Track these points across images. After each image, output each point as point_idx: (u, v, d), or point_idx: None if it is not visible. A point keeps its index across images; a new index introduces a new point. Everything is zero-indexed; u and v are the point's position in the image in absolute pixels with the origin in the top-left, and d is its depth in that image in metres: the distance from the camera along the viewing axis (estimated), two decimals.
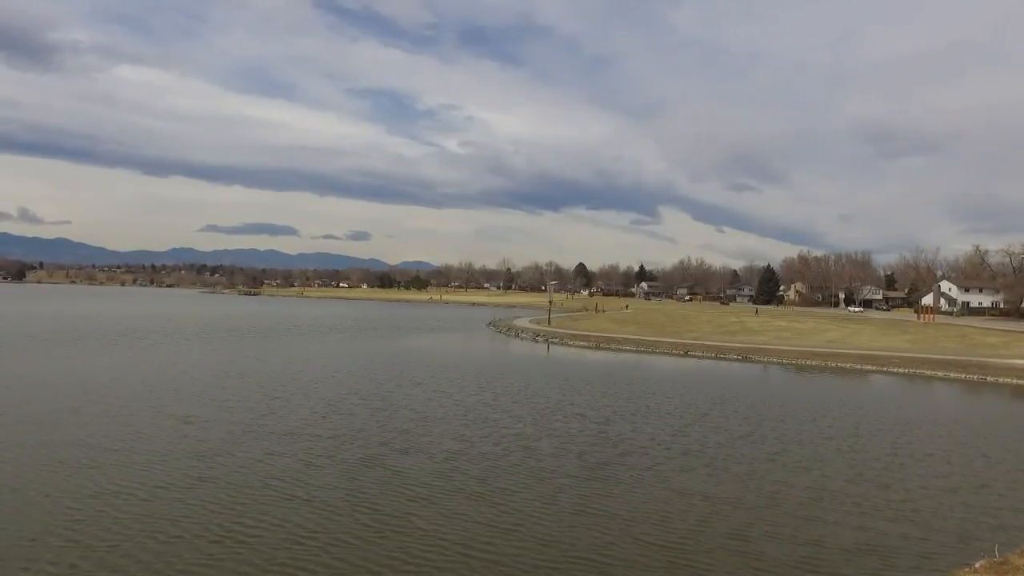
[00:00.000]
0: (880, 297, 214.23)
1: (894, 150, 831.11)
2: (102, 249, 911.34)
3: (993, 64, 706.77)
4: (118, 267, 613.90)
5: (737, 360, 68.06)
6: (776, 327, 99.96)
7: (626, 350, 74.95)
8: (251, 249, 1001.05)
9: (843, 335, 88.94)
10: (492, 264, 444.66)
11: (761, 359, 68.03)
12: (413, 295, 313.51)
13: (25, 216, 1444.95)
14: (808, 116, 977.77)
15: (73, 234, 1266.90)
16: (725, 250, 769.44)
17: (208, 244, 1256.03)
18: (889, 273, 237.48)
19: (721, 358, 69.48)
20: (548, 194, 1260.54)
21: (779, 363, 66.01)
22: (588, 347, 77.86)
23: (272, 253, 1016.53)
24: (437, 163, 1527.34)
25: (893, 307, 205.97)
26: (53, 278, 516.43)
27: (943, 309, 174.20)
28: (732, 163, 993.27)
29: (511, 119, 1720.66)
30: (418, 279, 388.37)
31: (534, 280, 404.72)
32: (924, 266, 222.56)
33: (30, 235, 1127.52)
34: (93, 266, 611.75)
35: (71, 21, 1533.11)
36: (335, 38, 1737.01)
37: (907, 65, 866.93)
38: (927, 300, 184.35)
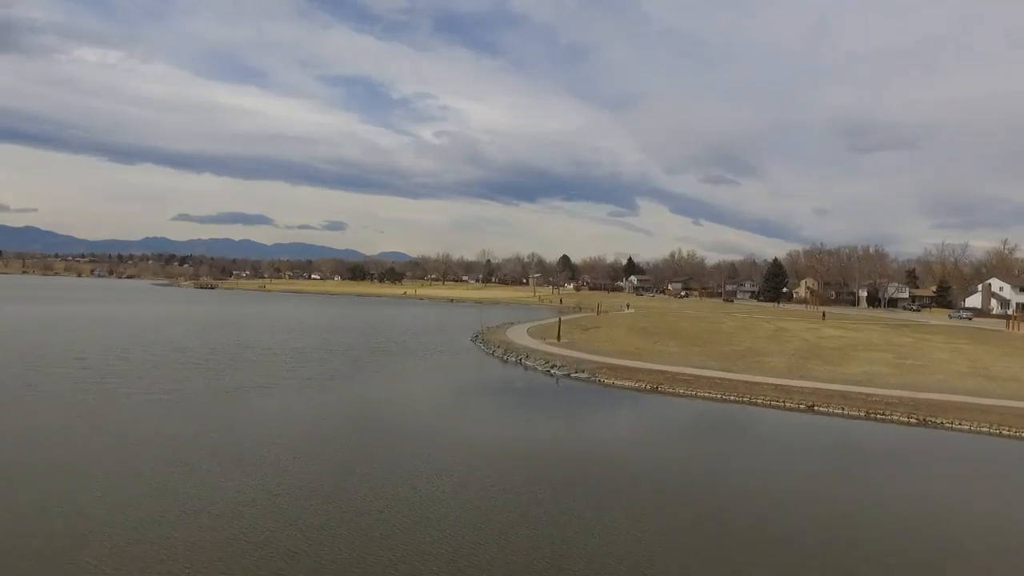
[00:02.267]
0: (906, 296, 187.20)
1: (868, 144, 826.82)
2: (71, 238, 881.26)
3: (966, 59, 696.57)
4: (81, 256, 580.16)
5: (910, 423, 38.33)
6: (851, 344, 71.66)
7: (702, 396, 45.01)
8: (225, 239, 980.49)
9: (964, 358, 59.94)
10: (471, 255, 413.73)
11: (949, 422, 38.30)
12: (387, 289, 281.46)
13: None
14: (784, 109, 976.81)
15: (41, 222, 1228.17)
16: (702, 243, 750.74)
17: (183, 234, 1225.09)
18: (911, 269, 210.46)
19: (878, 417, 39.73)
20: (524, 185, 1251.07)
21: (989, 431, 36.53)
22: (641, 389, 47.68)
23: (247, 243, 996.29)
24: (412, 153, 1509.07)
25: (922, 307, 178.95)
26: (9, 268, 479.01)
27: (993, 311, 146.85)
28: (708, 156, 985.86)
29: (486, 109, 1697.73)
30: (392, 271, 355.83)
31: (515, 273, 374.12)
32: (951, 261, 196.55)
33: None
34: (56, 255, 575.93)
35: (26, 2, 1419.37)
36: (306, 23, 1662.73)
37: (881, 58, 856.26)
38: (973, 300, 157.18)
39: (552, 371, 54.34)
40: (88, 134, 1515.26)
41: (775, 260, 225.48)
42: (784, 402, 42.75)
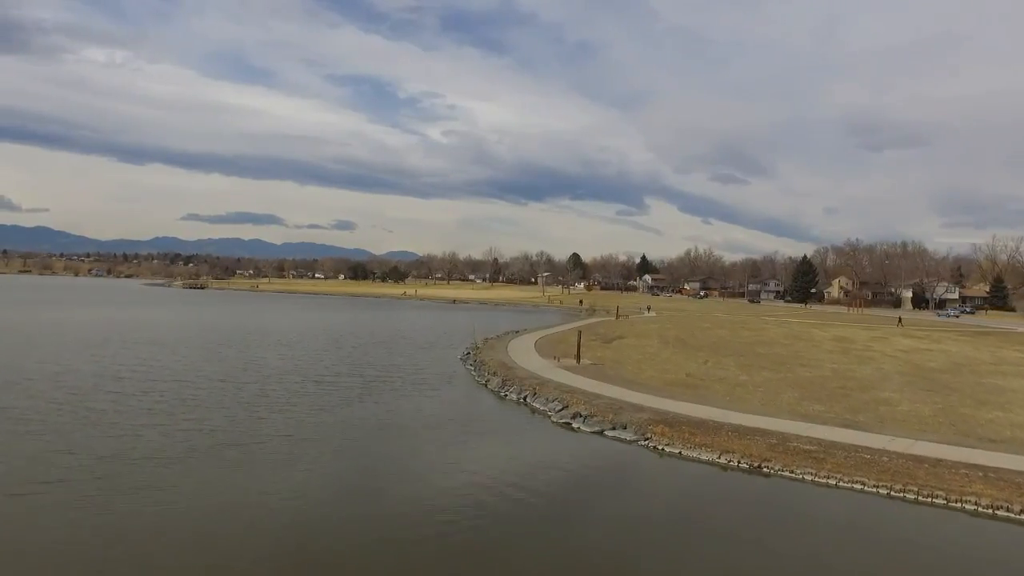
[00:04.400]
0: (956, 296, 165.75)
1: (878, 142, 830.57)
2: (83, 238, 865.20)
3: (978, 55, 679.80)
4: (87, 255, 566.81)
5: None
6: (965, 364, 52.42)
7: (853, 486, 24.43)
8: (235, 239, 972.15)
9: None
10: (478, 254, 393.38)
11: None
12: (388, 288, 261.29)
13: (2, 204, 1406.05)
14: (793, 106, 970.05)
15: (53, 222, 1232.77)
16: (712, 242, 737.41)
17: (192, 233, 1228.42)
18: (956, 267, 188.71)
19: None
20: (532, 184, 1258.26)
21: None
22: (731, 467, 26.88)
23: (257, 243, 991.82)
24: (420, 152, 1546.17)
25: (976, 308, 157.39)
26: (9, 268, 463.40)
27: None
28: (718, 154, 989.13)
29: (494, 108, 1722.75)
30: (396, 270, 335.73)
31: (523, 272, 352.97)
32: (1004, 259, 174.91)
33: (9, 223, 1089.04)
34: (61, 255, 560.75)
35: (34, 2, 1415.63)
36: (314, 23, 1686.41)
37: (892, 55, 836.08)
38: None
39: (574, 423, 33.97)
40: (97, 134, 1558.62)
41: (804, 258, 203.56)
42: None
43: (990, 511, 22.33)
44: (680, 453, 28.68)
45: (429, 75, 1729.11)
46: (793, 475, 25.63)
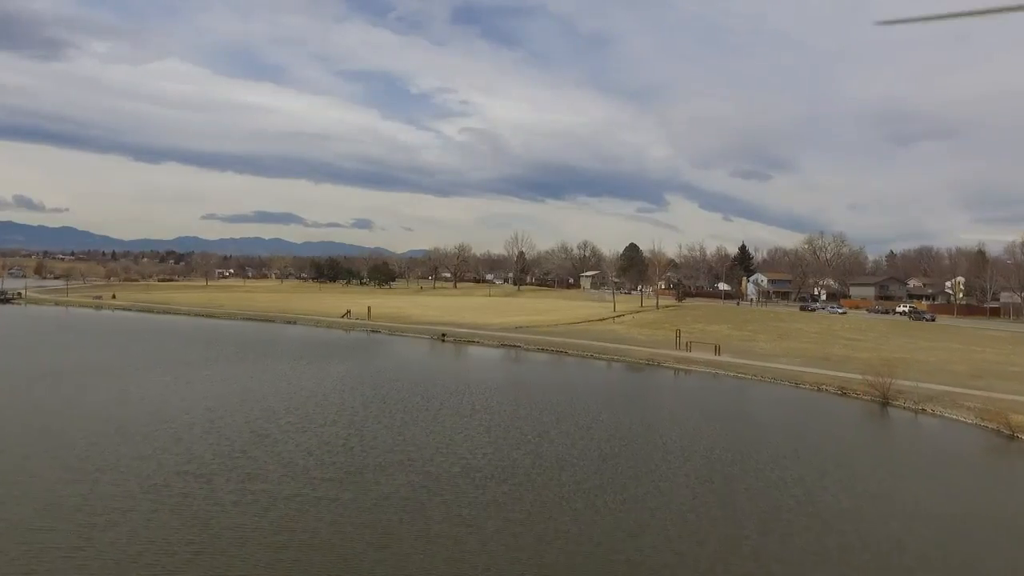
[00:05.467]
0: None
1: (905, 134, 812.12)
2: (106, 238, 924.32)
3: (1010, 44, 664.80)
4: (102, 254, 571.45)
5: None
6: None
7: None
8: (256, 238, 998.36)
9: None
10: (497, 248, 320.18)
11: None
12: (366, 296, 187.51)
13: (22, 203, 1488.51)
14: (816, 98, 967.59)
15: (75, 222, 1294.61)
16: (734, 239, 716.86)
17: (215, 233, 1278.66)
18: None
19: None
20: (549, 181, 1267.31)
21: None
22: None
23: (277, 242, 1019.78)
24: (435, 149, 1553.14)
25: None
26: (15, 265, 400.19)
27: None
28: (738, 148, 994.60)
29: (507, 103, 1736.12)
30: (378, 270, 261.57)
31: (561, 270, 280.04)
32: None
33: (34, 223, 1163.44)
34: (71, 254, 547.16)
35: None
36: (320, 16, 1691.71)
37: (920, 44, 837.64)
38: None
39: None
40: (111, 133, 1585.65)
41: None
42: None
43: None
44: None
45: (441, 70, 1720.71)
46: None
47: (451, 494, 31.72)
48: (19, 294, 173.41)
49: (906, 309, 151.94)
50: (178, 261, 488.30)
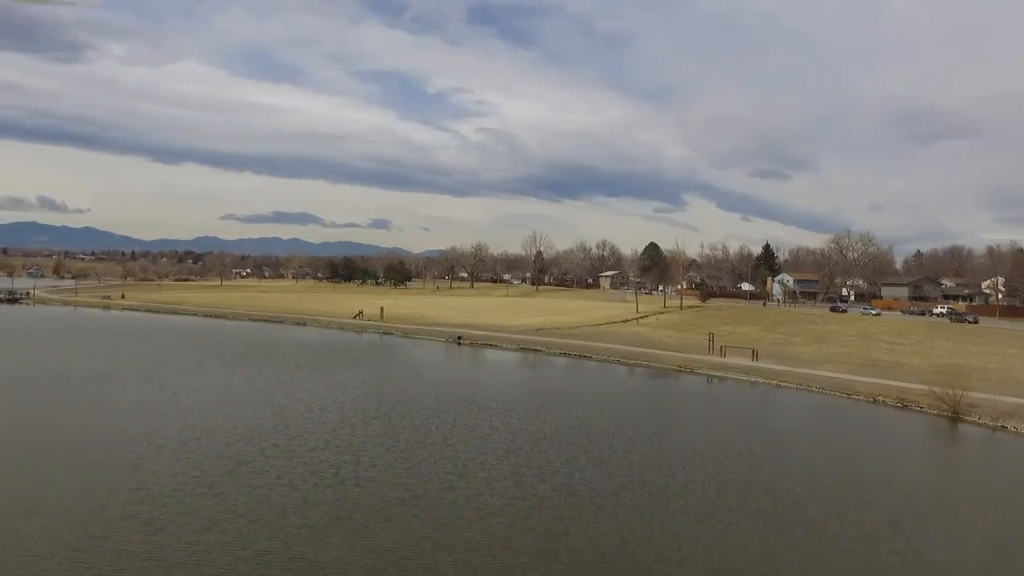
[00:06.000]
0: None
1: (926, 133, 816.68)
2: (127, 238, 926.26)
3: None
4: (122, 254, 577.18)
5: None
6: None
7: None
8: (275, 238, 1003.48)
9: None
10: (515, 248, 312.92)
11: None
12: (380, 296, 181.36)
13: (45, 204, 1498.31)
14: (835, 97, 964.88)
15: (96, 222, 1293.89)
16: (752, 239, 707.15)
17: (233, 233, 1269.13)
18: None
19: None
20: (566, 181, 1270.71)
21: None
22: None
23: (296, 242, 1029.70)
24: (452, 149, 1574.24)
25: None
26: (33, 264, 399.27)
27: None
28: (756, 148, 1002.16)
29: (523, 103, 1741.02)
30: (393, 269, 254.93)
31: (579, 269, 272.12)
32: None
33: (57, 224, 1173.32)
34: (92, 254, 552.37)
35: None
36: (335, 17, 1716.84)
37: (940, 41, 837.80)
38: None
39: None
40: (130, 134, 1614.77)
41: None
42: None
43: None
44: None
45: (456, 70, 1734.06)
46: None
47: (463, 549, 24.67)
48: (27, 294, 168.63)
49: (943, 310, 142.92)
50: (196, 261, 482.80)
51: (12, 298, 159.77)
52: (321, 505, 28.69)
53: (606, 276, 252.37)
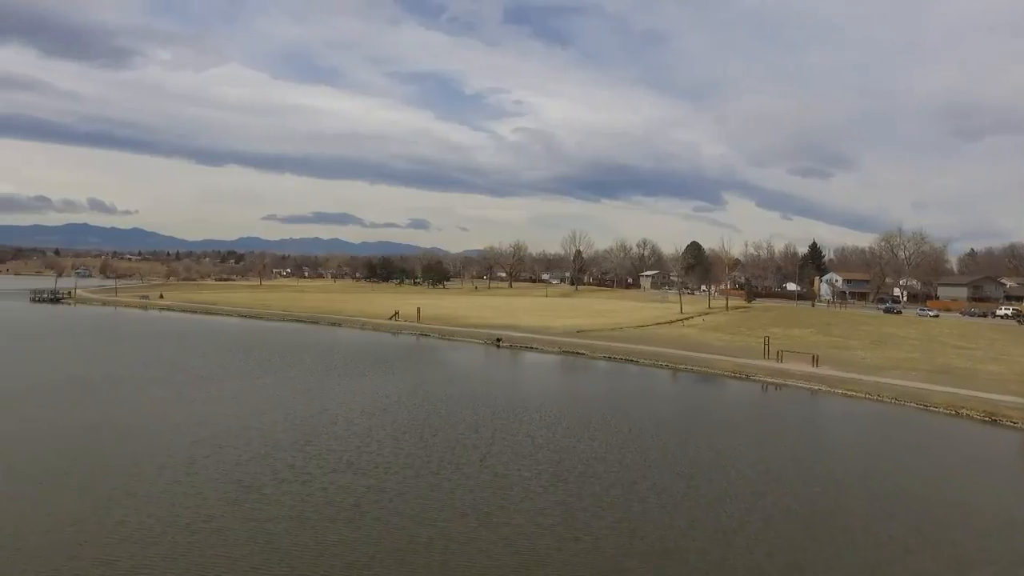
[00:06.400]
0: None
1: (974, 128, 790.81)
2: (172, 238, 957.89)
3: None
4: (167, 254, 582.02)
5: None
6: None
7: None
8: (315, 238, 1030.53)
9: None
10: (553, 248, 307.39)
11: None
12: (418, 296, 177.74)
13: (95, 206, 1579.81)
14: (878, 93, 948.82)
15: (146, 223, 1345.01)
16: (792, 238, 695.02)
17: (275, 233, 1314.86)
18: None
19: None
20: (603, 180, 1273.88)
21: None
22: None
23: (336, 242, 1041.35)
24: (490, 149, 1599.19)
25: None
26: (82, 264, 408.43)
27: None
28: (796, 146, 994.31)
29: (561, 102, 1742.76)
30: (431, 269, 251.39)
31: (619, 269, 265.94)
32: None
33: (107, 225, 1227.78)
34: (139, 254, 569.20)
35: (104, 4, 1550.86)
36: (374, 19, 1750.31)
37: (989, 33, 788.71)
38: None
39: None
40: (175, 137, 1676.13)
41: None
42: None
43: None
44: None
45: (494, 70, 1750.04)
46: None
47: None
48: (69, 293, 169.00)
49: (1008, 312, 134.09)
50: (238, 261, 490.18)
51: (55, 298, 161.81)
52: (335, 548, 23.81)
53: (647, 276, 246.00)
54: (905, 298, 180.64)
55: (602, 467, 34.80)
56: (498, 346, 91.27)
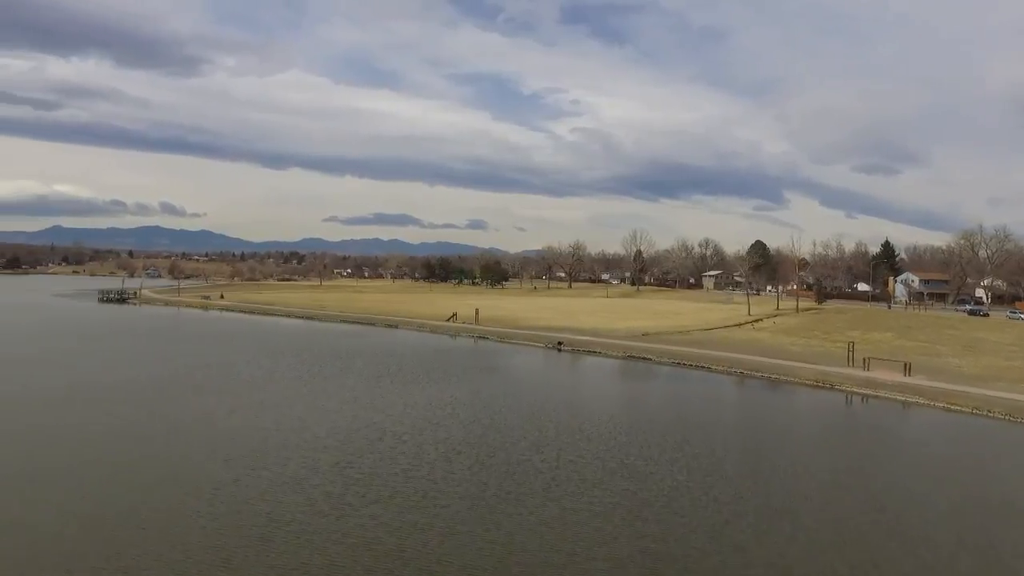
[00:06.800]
0: None
1: None
2: (238, 240, 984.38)
3: None
4: (232, 255, 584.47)
5: None
6: None
7: None
8: (375, 239, 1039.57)
9: None
10: (612, 248, 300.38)
11: None
12: (476, 296, 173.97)
13: (166, 209, 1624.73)
14: (948, 85, 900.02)
15: (213, 226, 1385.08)
16: (857, 237, 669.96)
17: (337, 235, 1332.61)
18: None
19: None
20: (662, 180, 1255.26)
21: None
22: None
23: (396, 243, 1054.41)
24: (547, 150, 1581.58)
25: None
26: (151, 265, 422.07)
27: None
28: (861, 142, 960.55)
29: (618, 101, 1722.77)
30: (490, 269, 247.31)
31: (681, 269, 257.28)
32: None
33: (177, 228, 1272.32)
34: (206, 255, 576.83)
35: (174, 15, 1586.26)
36: (431, 22, 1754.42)
37: None
38: None
39: None
40: (241, 142, 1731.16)
41: None
42: None
43: None
44: None
45: (551, 70, 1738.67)
46: None
47: None
48: (135, 294, 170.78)
49: None
50: (299, 262, 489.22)
51: (121, 298, 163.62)
52: None
53: (710, 276, 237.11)
54: (989, 299, 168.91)
55: (687, 504, 29.42)
56: (559, 350, 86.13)
